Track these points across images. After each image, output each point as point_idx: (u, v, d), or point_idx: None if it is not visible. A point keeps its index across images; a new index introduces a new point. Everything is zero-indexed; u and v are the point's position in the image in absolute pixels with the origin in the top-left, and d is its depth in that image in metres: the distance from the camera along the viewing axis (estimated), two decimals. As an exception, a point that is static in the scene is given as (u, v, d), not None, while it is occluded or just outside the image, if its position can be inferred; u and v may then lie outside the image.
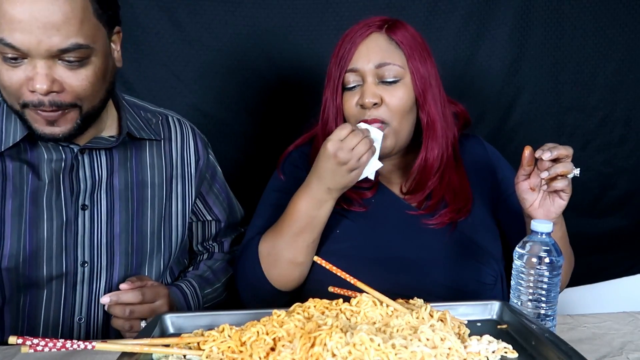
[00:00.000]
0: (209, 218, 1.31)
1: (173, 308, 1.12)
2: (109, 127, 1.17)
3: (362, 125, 1.10)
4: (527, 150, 1.02)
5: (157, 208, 1.20)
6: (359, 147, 1.05)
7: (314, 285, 1.15)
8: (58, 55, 0.96)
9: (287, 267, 1.13)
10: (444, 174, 1.21)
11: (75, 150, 1.11)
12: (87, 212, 1.13)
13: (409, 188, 1.23)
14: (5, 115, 1.09)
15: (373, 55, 1.15)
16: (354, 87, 1.17)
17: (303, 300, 0.93)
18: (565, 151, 0.99)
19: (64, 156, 1.11)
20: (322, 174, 1.08)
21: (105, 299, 1.02)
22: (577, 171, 1.00)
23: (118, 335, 1.09)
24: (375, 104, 1.14)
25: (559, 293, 0.94)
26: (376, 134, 1.10)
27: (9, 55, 0.95)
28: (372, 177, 1.11)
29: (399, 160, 1.26)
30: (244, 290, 1.20)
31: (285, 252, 1.12)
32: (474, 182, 1.24)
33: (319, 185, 1.09)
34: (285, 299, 1.17)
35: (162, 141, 1.22)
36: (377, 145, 1.10)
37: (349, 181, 1.08)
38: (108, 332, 1.15)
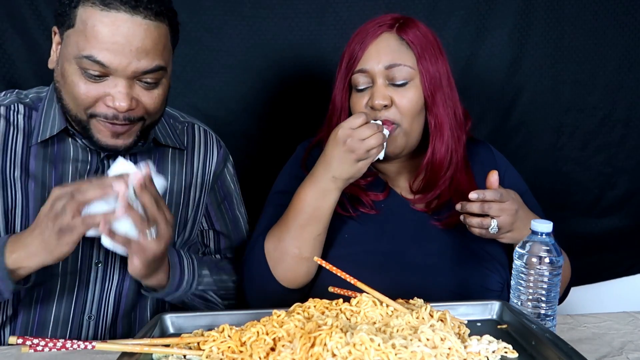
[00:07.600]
0: (205, 227, 1.30)
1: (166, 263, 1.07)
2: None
3: (378, 122, 1.10)
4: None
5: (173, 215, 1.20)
6: (371, 140, 1.04)
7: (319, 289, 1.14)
8: (139, 76, 1.01)
9: (294, 263, 1.11)
10: (454, 177, 1.20)
11: (102, 155, 1.12)
12: None
13: (419, 187, 1.22)
14: (45, 111, 1.11)
15: (383, 56, 1.14)
16: (364, 88, 1.16)
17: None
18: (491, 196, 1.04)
19: (89, 159, 1.12)
20: (329, 161, 1.07)
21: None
22: (493, 227, 1.04)
23: (125, 335, 1.09)
24: (385, 105, 1.13)
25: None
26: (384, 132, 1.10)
27: (93, 73, 0.99)
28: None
29: (408, 162, 1.25)
30: (251, 290, 1.18)
31: (291, 246, 1.10)
32: (482, 188, 1.22)
33: (325, 173, 1.08)
34: (292, 300, 1.15)
35: (186, 150, 1.23)
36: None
37: (355, 171, 1.07)
38: (116, 331, 1.16)
